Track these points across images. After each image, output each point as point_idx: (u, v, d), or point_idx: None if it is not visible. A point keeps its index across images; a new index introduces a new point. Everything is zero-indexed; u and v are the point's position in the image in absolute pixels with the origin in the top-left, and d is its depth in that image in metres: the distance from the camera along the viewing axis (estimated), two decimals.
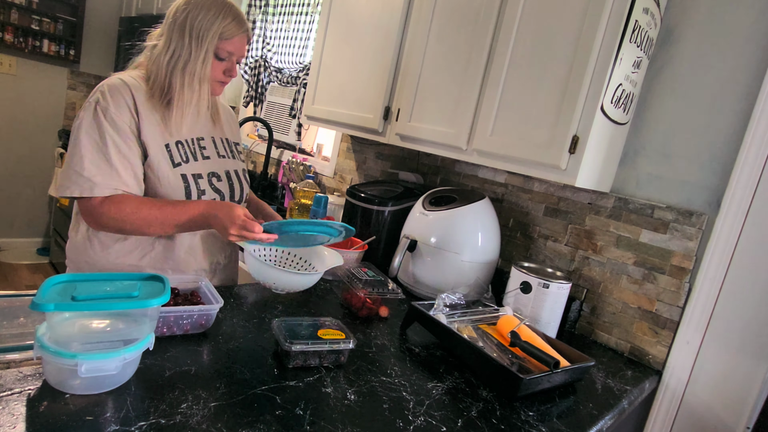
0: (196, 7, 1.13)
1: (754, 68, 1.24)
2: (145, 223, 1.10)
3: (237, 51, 1.19)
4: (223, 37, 1.15)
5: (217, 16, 1.13)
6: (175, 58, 1.13)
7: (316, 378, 0.93)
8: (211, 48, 1.15)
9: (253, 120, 2.64)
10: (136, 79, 1.16)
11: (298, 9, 2.64)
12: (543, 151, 1.28)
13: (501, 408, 0.97)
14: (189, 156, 1.21)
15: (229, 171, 1.29)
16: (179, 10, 1.14)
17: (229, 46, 1.17)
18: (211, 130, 1.30)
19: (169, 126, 1.18)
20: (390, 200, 1.73)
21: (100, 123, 1.08)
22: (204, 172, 1.22)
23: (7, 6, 3.40)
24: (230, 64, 1.21)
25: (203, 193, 1.21)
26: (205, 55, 1.14)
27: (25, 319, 0.92)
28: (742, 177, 1.24)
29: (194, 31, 1.12)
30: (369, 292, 1.30)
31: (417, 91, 1.61)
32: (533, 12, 1.32)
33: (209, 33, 1.13)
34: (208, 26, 1.13)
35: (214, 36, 1.14)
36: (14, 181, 3.83)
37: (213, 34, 1.13)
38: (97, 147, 1.08)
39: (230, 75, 1.22)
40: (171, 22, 1.15)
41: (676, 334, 1.34)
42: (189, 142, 1.22)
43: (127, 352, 0.75)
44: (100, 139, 1.08)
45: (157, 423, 0.71)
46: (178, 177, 1.17)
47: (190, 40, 1.13)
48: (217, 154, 1.27)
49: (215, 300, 1.04)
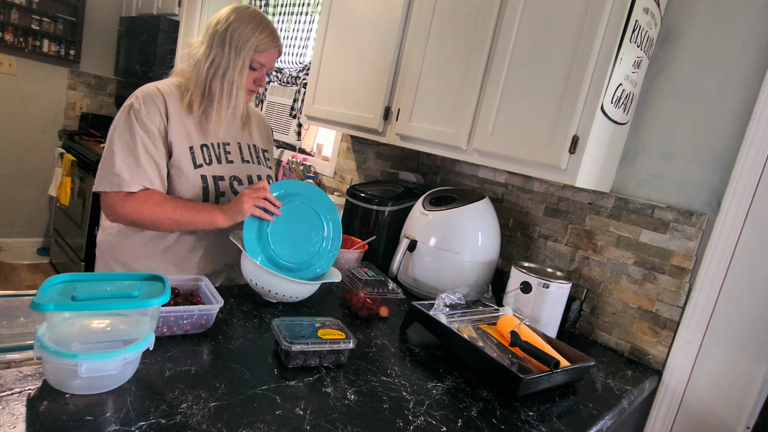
0: (237, 20, 1.23)
1: (754, 68, 1.24)
2: (160, 219, 1.20)
3: (268, 63, 1.29)
4: (259, 49, 1.25)
5: (255, 30, 1.23)
6: (216, 65, 1.23)
7: (316, 378, 0.93)
8: (248, 58, 1.24)
9: None
10: (170, 86, 1.25)
11: (298, 9, 2.64)
12: (543, 151, 1.28)
13: (501, 408, 0.97)
14: (213, 158, 1.29)
15: (251, 176, 1.36)
16: (221, 21, 1.24)
17: (262, 58, 1.27)
18: (239, 135, 1.37)
19: (207, 129, 1.27)
20: (390, 200, 1.73)
21: (132, 125, 1.18)
22: (226, 175, 1.30)
23: (7, 6, 3.40)
24: (261, 74, 1.30)
25: (222, 194, 1.29)
26: (242, 64, 1.23)
27: (25, 319, 0.92)
28: (742, 177, 1.24)
29: (234, 41, 1.22)
30: (369, 292, 1.30)
31: (417, 91, 1.62)
32: (533, 12, 1.32)
33: (247, 44, 1.23)
34: (246, 38, 1.22)
35: (251, 48, 1.23)
36: (14, 181, 3.83)
37: (250, 46, 1.23)
38: (128, 147, 1.18)
39: (260, 84, 1.31)
40: (213, 32, 1.24)
41: (676, 334, 1.34)
42: (214, 145, 1.30)
43: (127, 352, 0.75)
44: (131, 140, 1.18)
45: (157, 423, 0.71)
46: (197, 177, 1.25)
47: (230, 50, 1.22)
48: (241, 159, 1.35)
49: (215, 300, 1.04)
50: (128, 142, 1.17)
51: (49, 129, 3.90)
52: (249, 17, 1.24)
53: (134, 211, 1.18)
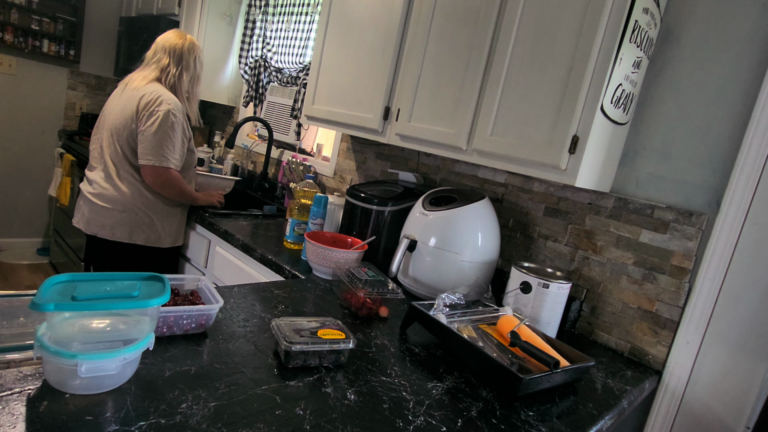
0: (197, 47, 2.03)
1: (755, 68, 1.24)
2: (187, 191, 1.99)
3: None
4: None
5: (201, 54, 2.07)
6: (192, 82, 2.02)
7: (316, 378, 0.93)
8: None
9: (253, 120, 2.64)
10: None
11: (298, 9, 2.64)
12: (543, 151, 1.28)
13: (501, 408, 0.97)
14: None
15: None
16: (186, 43, 1.99)
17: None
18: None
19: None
20: (390, 200, 1.73)
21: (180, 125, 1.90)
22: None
23: (7, 6, 3.40)
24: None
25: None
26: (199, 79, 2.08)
27: (25, 319, 0.92)
28: (742, 177, 1.24)
29: (198, 63, 2.03)
30: (369, 292, 1.30)
31: (417, 91, 1.62)
32: (533, 12, 1.32)
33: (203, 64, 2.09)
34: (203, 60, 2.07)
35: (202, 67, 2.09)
36: (14, 181, 3.83)
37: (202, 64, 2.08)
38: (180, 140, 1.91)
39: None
40: (179, 53, 1.98)
41: (676, 334, 1.34)
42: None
43: (127, 352, 0.75)
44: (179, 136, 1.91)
45: (157, 423, 0.71)
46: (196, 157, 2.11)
47: (198, 68, 2.05)
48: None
49: (215, 300, 1.04)
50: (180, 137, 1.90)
51: (49, 129, 3.90)
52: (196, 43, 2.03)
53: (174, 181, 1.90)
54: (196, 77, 2.00)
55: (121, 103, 1.89)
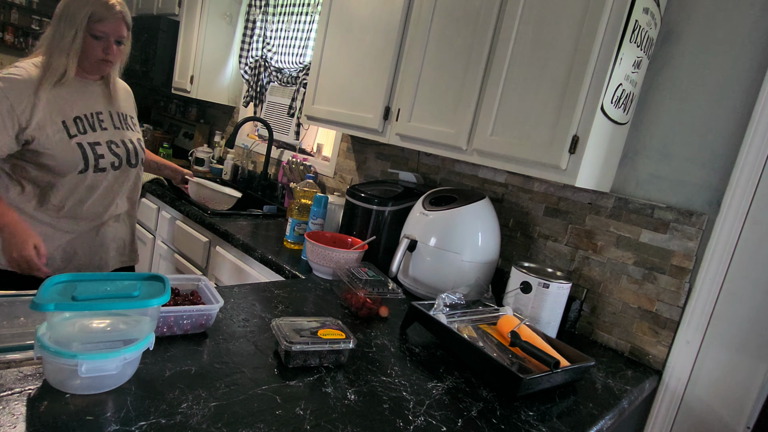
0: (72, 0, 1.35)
1: (755, 68, 1.24)
2: None
3: (112, 32, 1.38)
4: (95, 18, 1.34)
5: (86, 3, 1.34)
6: (54, 39, 1.34)
7: (316, 378, 0.93)
8: (82, 27, 1.34)
9: (253, 120, 2.64)
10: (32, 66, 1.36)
11: (298, 9, 2.64)
12: (543, 151, 1.28)
13: (501, 408, 0.97)
14: (87, 128, 1.42)
15: (124, 140, 1.51)
16: (60, 4, 1.36)
17: (104, 27, 1.36)
18: (108, 105, 1.50)
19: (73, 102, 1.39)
20: (390, 200, 1.73)
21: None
22: (102, 141, 1.44)
23: (8, 6, 3.40)
24: (107, 43, 1.38)
25: (101, 156, 1.43)
26: (75, 33, 1.34)
27: (25, 319, 0.92)
28: (742, 177, 1.24)
29: (67, 15, 1.34)
30: (369, 292, 1.30)
31: (417, 91, 1.62)
32: (533, 12, 1.32)
33: (80, 14, 1.33)
34: (78, 9, 1.33)
35: (84, 17, 1.33)
36: None
37: (84, 15, 1.33)
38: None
39: (108, 53, 1.40)
40: (54, 14, 1.36)
41: (676, 334, 1.34)
42: (88, 116, 1.43)
43: (127, 352, 0.75)
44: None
45: (157, 423, 0.71)
46: (75, 146, 1.38)
47: (64, 23, 1.34)
48: (113, 126, 1.49)
49: (215, 300, 1.04)
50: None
51: None
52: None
53: None
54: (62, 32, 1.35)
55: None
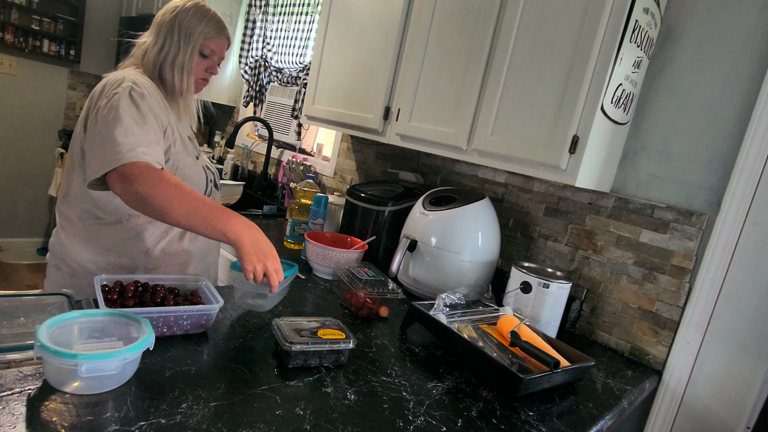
0: (184, 11, 1.25)
1: (755, 68, 1.24)
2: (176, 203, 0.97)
3: (219, 51, 1.31)
4: (208, 36, 1.26)
5: (202, 19, 1.25)
6: (165, 52, 1.23)
7: (316, 378, 0.93)
8: (197, 44, 1.25)
9: (253, 120, 2.64)
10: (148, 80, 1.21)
11: (298, 9, 2.64)
12: (543, 151, 1.28)
13: (501, 408, 0.97)
14: (197, 149, 1.34)
15: (206, 164, 1.39)
16: (167, 13, 1.25)
17: (213, 45, 1.28)
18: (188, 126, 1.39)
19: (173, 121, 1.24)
20: (390, 200, 1.73)
21: (138, 104, 1.09)
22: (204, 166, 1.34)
23: (8, 6, 3.40)
24: (212, 62, 1.31)
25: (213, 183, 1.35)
26: (191, 49, 1.25)
27: (25, 319, 0.92)
28: (742, 177, 1.24)
29: (182, 28, 1.23)
30: (369, 292, 1.30)
31: (417, 91, 1.61)
32: (533, 12, 1.32)
33: (196, 31, 1.24)
34: (195, 25, 1.24)
35: (200, 35, 1.25)
36: (14, 181, 3.83)
37: (199, 32, 1.25)
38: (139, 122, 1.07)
39: (212, 73, 1.33)
40: (159, 22, 1.25)
41: (676, 334, 1.34)
42: (191, 137, 1.34)
43: (127, 352, 0.75)
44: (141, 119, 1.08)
45: (157, 423, 0.71)
46: (200, 169, 1.29)
47: (179, 37, 1.23)
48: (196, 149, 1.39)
49: (215, 300, 1.04)
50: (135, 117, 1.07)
51: (49, 129, 3.90)
52: (195, 7, 1.26)
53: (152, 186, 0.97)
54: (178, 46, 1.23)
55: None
